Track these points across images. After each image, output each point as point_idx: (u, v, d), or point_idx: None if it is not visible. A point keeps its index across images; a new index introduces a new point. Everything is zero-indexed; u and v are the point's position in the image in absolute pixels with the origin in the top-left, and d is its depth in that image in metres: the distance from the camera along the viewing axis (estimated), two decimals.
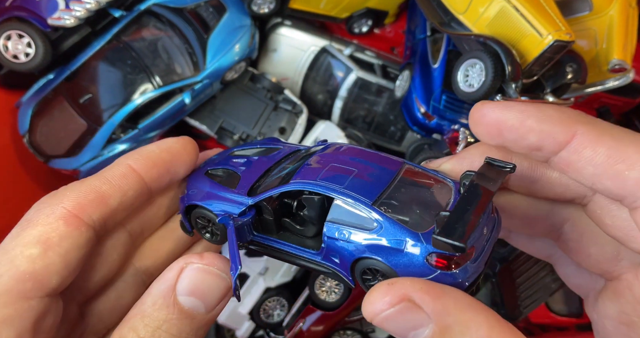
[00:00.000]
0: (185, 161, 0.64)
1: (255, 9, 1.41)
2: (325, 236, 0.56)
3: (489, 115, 0.55)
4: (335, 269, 0.58)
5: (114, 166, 0.60)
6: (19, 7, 1.25)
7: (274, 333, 1.41)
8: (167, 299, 0.50)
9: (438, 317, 0.45)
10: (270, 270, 1.34)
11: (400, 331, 0.46)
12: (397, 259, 0.51)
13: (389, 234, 0.52)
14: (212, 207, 0.62)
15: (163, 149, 0.62)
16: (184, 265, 0.52)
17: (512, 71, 1.07)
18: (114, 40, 1.33)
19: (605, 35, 1.22)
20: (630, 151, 0.49)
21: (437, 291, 0.46)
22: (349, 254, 0.55)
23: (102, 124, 1.32)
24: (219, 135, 1.47)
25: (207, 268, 0.52)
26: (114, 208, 0.57)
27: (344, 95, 1.52)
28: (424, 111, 1.30)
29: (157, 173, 0.61)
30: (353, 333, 1.37)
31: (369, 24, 1.58)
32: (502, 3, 1.11)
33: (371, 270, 0.54)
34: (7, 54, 1.24)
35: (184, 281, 0.51)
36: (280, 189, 0.59)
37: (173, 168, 0.63)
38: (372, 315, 0.47)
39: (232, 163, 0.69)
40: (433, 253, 0.49)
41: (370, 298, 0.47)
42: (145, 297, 0.51)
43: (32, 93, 1.36)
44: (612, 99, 1.48)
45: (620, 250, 0.59)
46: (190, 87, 1.34)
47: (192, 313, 0.51)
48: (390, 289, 0.46)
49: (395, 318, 0.46)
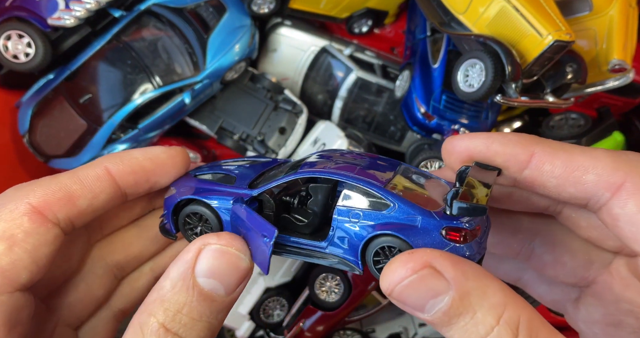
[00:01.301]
0: (169, 172, 0.63)
1: (255, 9, 1.41)
2: (336, 220, 0.57)
3: (459, 145, 0.60)
4: (342, 257, 0.59)
5: (89, 166, 0.58)
6: (19, 7, 1.25)
7: (274, 333, 1.41)
8: (186, 281, 0.50)
9: (458, 283, 0.46)
10: (270, 270, 1.34)
11: (420, 300, 0.47)
12: (413, 234, 0.53)
13: (402, 212, 0.54)
14: (210, 200, 0.61)
15: (147, 157, 0.61)
16: (201, 246, 0.51)
17: (512, 71, 1.07)
18: (114, 40, 1.33)
19: (605, 35, 1.22)
20: (582, 159, 0.55)
21: (456, 259, 0.48)
22: (360, 235, 0.56)
23: (102, 124, 1.32)
24: (219, 135, 1.47)
25: (225, 248, 0.52)
26: (82, 209, 0.56)
27: (344, 95, 1.52)
28: (424, 111, 1.30)
29: (134, 180, 0.60)
30: (353, 333, 1.37)
31: (369, 24, 1.58)
32: (502, 3, 1.11)
33: (384, 249, 0.55)
34: (7, 54, 1.24)
35: (202, 262, 0.50)
36: (288, 178, 0.59)
37: (154, 178, 0.62)
38: (392, 285, 0.48)
39: (223, 168, 0.69)
40: (446, 227, 0.52)
41: (391, 266, 0.49)
42: (163, 281, 0.51)
43: (32, 93, 1.36)
44: (612, 99, 1.48)
45: (591, 254, 0.63)
46: (190, 87, 1.34)
47: (212, 296, 0.50)
48: (412, 257, 0.48)
49: (417, 286, 0.47)
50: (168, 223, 0.65)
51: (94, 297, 0.64)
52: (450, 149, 0.62)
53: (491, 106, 1.32)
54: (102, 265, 0.65)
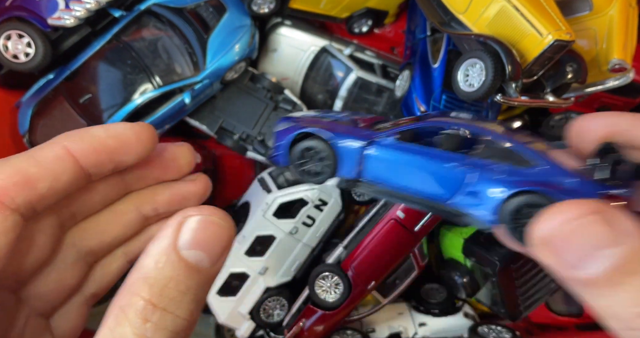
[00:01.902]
0: (135, 151, 0.58)
1: (255, 9, 1.41)
2: (478, 169, 0.54)
3: (596, 123, 0.55)
4: (469, 212, 0.56)
5: (47, 147, 0.54)
6: (19, 7, 1.25)
7: (274, 333, 1.41)
8: (170, 256, 0.47)
9: (629, 237, 0.40)
10: (270, 270, 1.34)
11: (582, 250, 0.41)
12: (560, 195, 0.50)
13: (548, 172, 0.51)
14: (342, 138, 0.59)
15: (110, 134, 0.56)
16: (182, 219, 0.49)
17: (512, 70, 1.07)
18: (114, 40, 1.33)
19: (605, 35, 1.22)
20: None
21: (625, 213, 0.42)
22: (501, 190, 0.53)
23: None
24: (219, 135, 1.47)
25: (208, 218, 0.49)
26: (42, 192, 0.52)
27: (344, 95, 1.52)
28: (424, 111, 1.30)
29: (97, 160, 0.55)
30: (353, 333, 1.37)
31: (369, 24, 1.58)
32: (502, 3, 1.11)
33: (528, 207, 0.52)
34: (7, 54, 1.24)
35: (185, 234, 0.48)
36: (423, 124, 0.57)
37: (118, 157, 0.57)
38: (550, 230, 0.42)
39: (330, 115, 0.67)
40: (603, 192, 0.48)
41: (553, 209, 0.43)
42: (144, 260, 0.48)
43: (32, 93, 1.36)
44: (612, 99, 1.48)
45: None
46: (190, 87, 1.34)
47: (198, 267, 0.48)
48: (579, 202, 0.42)
49: (583, 232, 0.41)
50: (281, 154, 0.63)
51: (66, 285, 0.61)
52: (584, 128, 0.55)
53: (491, 106, 1.32)
54: (75, 253, 0.62)
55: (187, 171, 0.64)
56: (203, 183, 0.63)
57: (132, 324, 0.44)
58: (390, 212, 1.18)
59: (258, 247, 1.32)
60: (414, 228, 1.18)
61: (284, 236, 1.31)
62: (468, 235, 1.24)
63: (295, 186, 1.32)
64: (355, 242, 1.23)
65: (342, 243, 1.26)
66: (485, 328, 1.30)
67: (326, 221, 1.34)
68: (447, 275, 1.31)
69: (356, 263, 1.21)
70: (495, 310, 1.30)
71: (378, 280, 1.24)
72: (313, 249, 1.36)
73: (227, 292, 1.34)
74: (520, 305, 1.26)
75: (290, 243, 1.33)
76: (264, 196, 1.32)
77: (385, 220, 1.18)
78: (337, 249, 1.26)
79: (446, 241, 1.32)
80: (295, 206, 1.31)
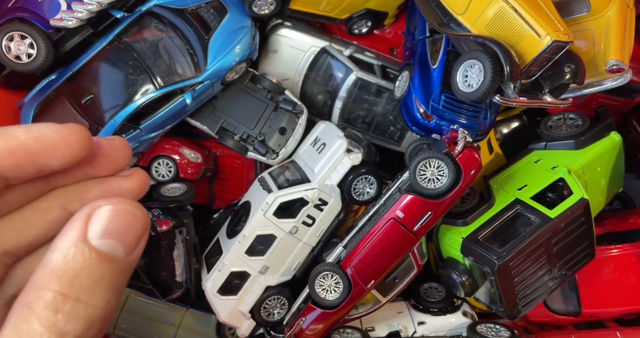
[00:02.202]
0: (62, 155, 0.52)
1: (255, 10, 1.42)
2: None
3: None
4: None
5: None
6: (21, 8, 1.26)
7: (274, 331, 1.42)
8: (80, 247, 0.44)
9: None
10: (271, 269, 1.35)
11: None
12: None
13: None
14: None
15: (32, 136, 0.50)
16: (90, 210, 0.46)
17: (510, 71, 1.08)
18: (115, 41, 1.34)
19: (603, 36, 1.23)
20: None
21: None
22: None
23: (104, 125, 1.33)
24: (220, 135, 1.48)
25: (119, 207, 0.47)
26: None
27: (343, 95, 1.53)
28: (423, 111, 1.31)
29: (15, 163, 0.50)
30: (353, 332, 1.38)
31: (369, 25, 1.59)
32: (500, 4, 1.12)
33: None
34: (10, 54, 1.25)
35: (95, 225, 0.45)
36: None
37: (41, 160, 0.51)
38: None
39: None
40: None
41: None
42: (50, 254, 0.44)
43: (35, 94, 1.37)
44: (609, 99, 1.49)
45: None
46: (192, 88, 1.35)
47: (112, 256, 0.45)
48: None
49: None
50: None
51: None
52: None
53: (490, 106, 1.33)
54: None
55: (121, 166, 0.59)
56: (139, 178, 0.58)
57: (40, 317, 0.41)
58: (390, 211, 1.19)
59: (258, 246, 1.33)
60: (413, 228, 1.19)
61: (284, 236, 1.32)
62: (467, 234, 1.25)
63: (296, 186, 1.33)
64: (354, 241, 1.24)
65: (342, 243, 1.26)
66: (484, 327, 1.31)
67: (326, 221, 1.35)
68: (446, 274, 1.32)
69: (356, 262, 1.22)
70: (493, 309, 1.31)
71: (377, 279, 1.25)
72: (313, 248, 1.37)
73: (227, 291, 1.35)
74: (519, 304, 1.27)
75: (290, 243, 1.34)
76: (265, 195, 1.33)
77: (385, 219, 1.19)
78: (337, 248, 1.27)
79: (445, 240, 1.33)
80: (296, 206, 1.32)
